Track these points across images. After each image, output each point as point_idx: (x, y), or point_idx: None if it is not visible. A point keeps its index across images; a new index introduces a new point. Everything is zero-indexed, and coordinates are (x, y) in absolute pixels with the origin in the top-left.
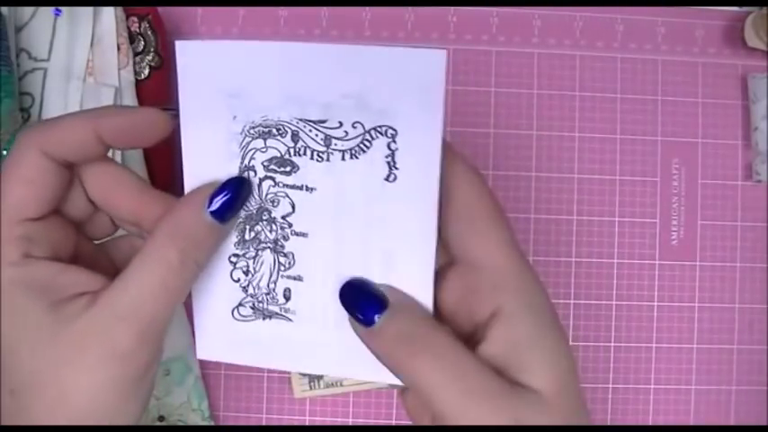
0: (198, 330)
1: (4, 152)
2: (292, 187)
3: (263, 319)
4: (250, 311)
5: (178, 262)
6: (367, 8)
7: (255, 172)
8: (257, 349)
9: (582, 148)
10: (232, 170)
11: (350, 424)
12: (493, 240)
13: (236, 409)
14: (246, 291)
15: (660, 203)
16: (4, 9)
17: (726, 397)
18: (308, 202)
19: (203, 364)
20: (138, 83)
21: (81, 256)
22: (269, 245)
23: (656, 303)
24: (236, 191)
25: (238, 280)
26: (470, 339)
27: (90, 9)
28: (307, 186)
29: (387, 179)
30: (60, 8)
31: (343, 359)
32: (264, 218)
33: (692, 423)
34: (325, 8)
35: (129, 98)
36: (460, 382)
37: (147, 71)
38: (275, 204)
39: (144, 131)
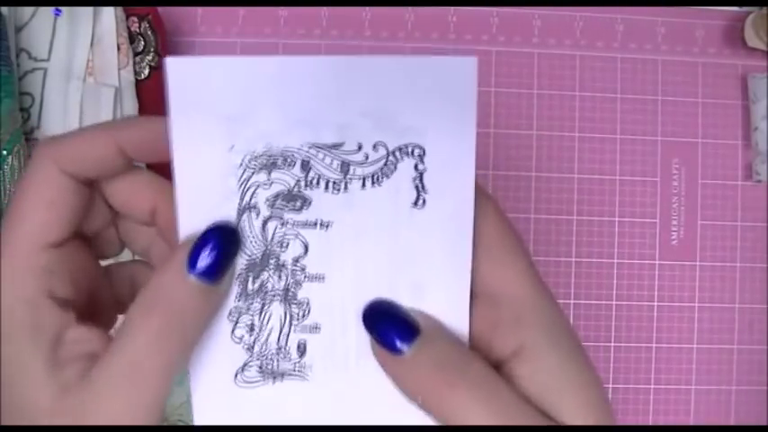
0: (195, 398)
1: (4, 152)
2: (304, 225)
3: (273, 381)
4: (257, 374)
5: (161, 337)
6: (367, 8)
7: (258, 211)
8: (267, 415)
9: (582, 148)
10: (229, 212)
11: None
12: (511, 270)
13: None
14: (252, 351)
15: (660, 203)
16: (4, 9)
17: (726, 397)
18: (324, 240)
19: None
20: (138, 83)
21: (91, 285)
22: (278, 295)
23: (656, 303)
24: (220, 243)
25: (241, 339)
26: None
27: (90, 9)
28: (321, 222)
29: (415, 205)
30: (60, 8)
31: (365, 405)
32: (271, 264)
33: (692, 423)
34: (325, 8)
35: (129, 98)
36: (502, 416)
37: (147, 71)
38: (284, 247)
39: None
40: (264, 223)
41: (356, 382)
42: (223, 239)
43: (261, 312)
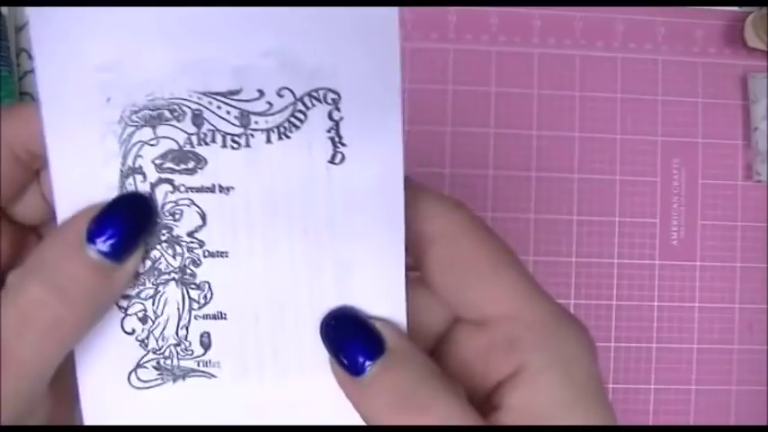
0: (84, 401)
1: None
2: (199, 190)
3: (174, 381)
4: (154, 373)
5: (52, 322)
6: None
7: (144, 175)
8: (169, 420)
9: (582, 148)
10: (110, 177)
11: None
12: (500, 287)
13: None
14: (146, 345)
15: (660, 203)
16: (4, 9)
17: (726, 397)
18: (225, 207)
19: None
20: None
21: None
22: (173, 276)
23: (656, 303)
24: (129, 214)
25: (133, 332)
26: (486, 402)
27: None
28: (220, 186)
29: (332, 161)
30: None
31: (287, 408)
32: (164, 238)
33: (692, 423)
34: None
35: None
36: None
37: None
38: (177, 217)
39: None
40: (152, 189)
41: (275, 381)
42: (134, 210)
43: (154, 298)
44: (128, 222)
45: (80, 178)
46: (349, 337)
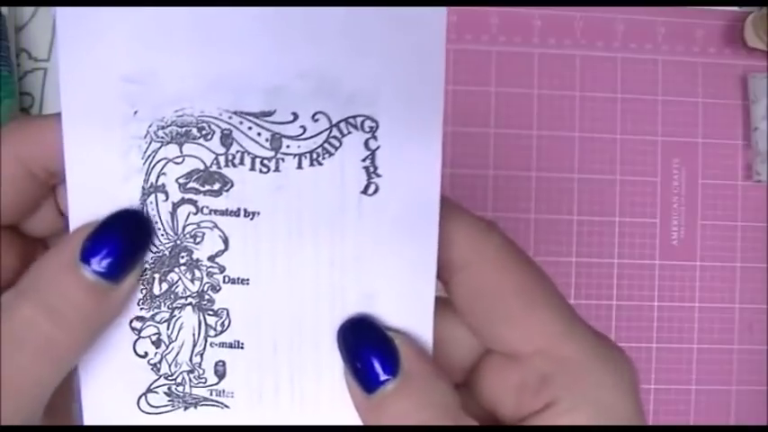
0: (88, 424)
1: None
2: (224, 213)
3: (185, 408)
4: (165, 400)
5: (44, 344)
6: None
7: (167, 194)
8: None
9: (582, 148)
10: (131, 195)
11: None
12: (531, 322)
13: None
14: (158, 370)
15: (660, 203)
16: (4, 9)
17: (726, 397)
18: (249, 233)
19: None
20: None
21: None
22: (191, 300)
23: (656, 303)
24: (126, 233)
25: (145, 355)
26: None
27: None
28: (246, 211)
29: (365, 192)
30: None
31: None
32: (183, 261)
33: (692, 423)
34: None
35: None
36: None
37: None
38: (198, 240)
39: None
40: (174, 209)
41: (288, 416)
42: (130, 228)
43: (169, 322)
44: (124, 241)
45: (98, 194)
46: (363, 349)
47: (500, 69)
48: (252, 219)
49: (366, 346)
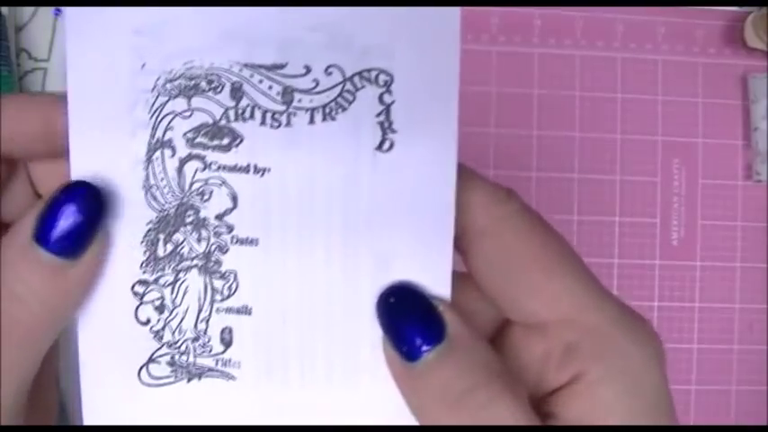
0: (86, 397)
1: None
2: (233, 170)
3: (188, 380)
4: (167, 370)
5: (9, 331)
6: None
7: (174, 150)
8: (179, 422)
9: (582, 147)
10: (137, 150)
11: None
12: (555, 289)
13: None
14: (161, 338)
15: (660, 203)
16: (4, 9)
17: (726, 397)
18: (258, 190)
19: None
20: None
21: None
22: (197, 262)
23: (656, 303)
24: (79, 204)
25: (147, 322)
26: (537, 408)
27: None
28: (256, 167)
29: (379, 148)
30: (60, 8)
31: (309, 421)
32: (189, 220)
33: (692, 423)
34: None
35: None
36: None
37: None
38: (206, 198)
39: None
40: (181, 166)
41: (300, 387)
42: (82, 201)
43: (173, 286)
44: (76, 215)
45: (103, 149)
46: (407, 317)
47: (500, 69)
48: (262, 175)
49: (411, 314)
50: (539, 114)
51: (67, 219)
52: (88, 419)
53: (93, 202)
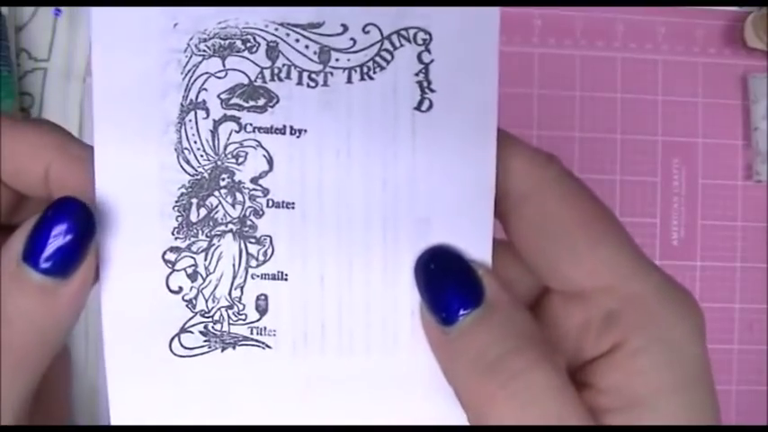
0: (111, 372)
1: None
2: (268, 131)
3: (223, 350)
4: (200, 340)
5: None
6: None
7: (207, 111)
8: (213, 394)
9: (582, 147)
10: (169, 112)
11: None
12: (596, 256)
13: None
14: (194, 306)
15: (660, 203)
16: (4, 9)
17: (726, 397)
18: (295, 152)
19: None
20: None
21: None
22: (231, 227)
23: None
24: (67, 225)
25: (180, 290)
26: (575, 377)
27: (90, 9)
28: (292, 128)
29: (418, 108)
30: (60, 8)
31: (348, 395)
32: (223, 184)
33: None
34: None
35: None
36: None
37: None
38: (241, 161)
39: None
40: (215, 127)
41: (338, 355)
42: (71, 218)
43: (207, 252)
44: (67, 233)
45: (131, 112)
46: (445, 280)
47: (500, 69)
48: (298, 137)
49: (449, 277)
50: (539, 114)
51: (58, 238)
52: (115, 397)
53: (83, 220)
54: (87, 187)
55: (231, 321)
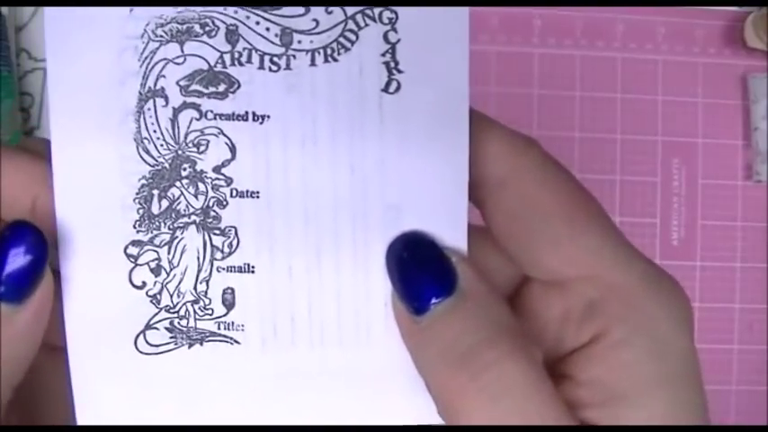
0: (74, 371)
1: None
2: (230, 118)
3: (190, 346)
4: (166, 336)
5: None
6: None
7: (167, 99)
8: (181, 392)
9: (582, 147)
10: (127, 101)
11: None
12: (577, 244)
13: None
14: (158, 302)
15: (660, 203)
16: (4, 9)
17: (726, 397)
18: (258, 139)
19: None
20: None
21: None
22: (194, 218)
23: None
24: (17, 247)
25: (143, 285)
26: (554, 368)
27: None
28: (255, 114)
29: (386, 89)
30: None
31: (320, 389)
32: (185, 174)
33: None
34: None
35: None
36: None
37: None
38: (202, 149)
39: None
40: (175, 115)
41: (307, 353)
42: (19, 242)
43: (170, 245)
44: (14, 258)
45: (87, 101)
46: (417, 268)
47: (500, 69)
48: (261, 123)
49: (421, 264)
50: (539, 114)
51: (12, 263)
52: (80, 398)
53: (31, 241)
54: None
55: (197, 317)
